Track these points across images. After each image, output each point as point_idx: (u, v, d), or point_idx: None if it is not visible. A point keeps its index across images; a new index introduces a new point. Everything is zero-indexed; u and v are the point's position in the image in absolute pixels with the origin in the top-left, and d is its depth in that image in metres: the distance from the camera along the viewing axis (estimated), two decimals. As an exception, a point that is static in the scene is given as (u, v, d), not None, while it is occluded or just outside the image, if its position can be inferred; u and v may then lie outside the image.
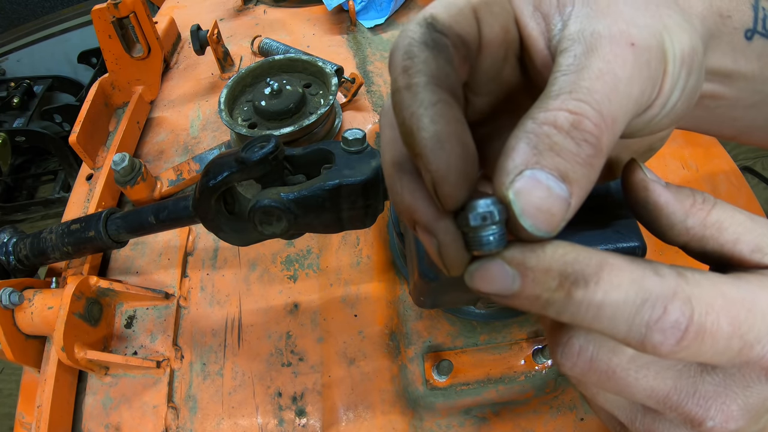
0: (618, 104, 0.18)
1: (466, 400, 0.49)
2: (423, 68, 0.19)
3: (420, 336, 0.52)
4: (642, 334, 0.18)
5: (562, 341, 0.21)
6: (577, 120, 0.18)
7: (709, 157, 0.64)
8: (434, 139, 0.18)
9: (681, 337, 0.18)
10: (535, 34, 0.22)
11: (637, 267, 0.18)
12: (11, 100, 1.93)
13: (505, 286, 0.19)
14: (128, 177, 0.59)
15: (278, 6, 0.95)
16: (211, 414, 0.49)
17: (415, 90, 0.18)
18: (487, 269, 0.19)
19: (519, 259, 0.18)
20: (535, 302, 0.19)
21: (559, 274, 0.18)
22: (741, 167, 1.66)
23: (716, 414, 0.20)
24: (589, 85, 0.18)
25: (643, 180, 0.22)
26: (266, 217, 0.36)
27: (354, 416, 0.47)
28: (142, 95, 0.73)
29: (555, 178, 0.17)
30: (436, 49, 0.19)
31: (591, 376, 0.21)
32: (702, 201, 0.22)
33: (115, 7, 0.65)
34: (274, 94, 0.62)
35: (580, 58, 0.19)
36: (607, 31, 0.19)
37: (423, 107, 0.18)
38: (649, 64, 0.19)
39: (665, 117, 0.22)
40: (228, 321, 0.54)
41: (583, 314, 0.18)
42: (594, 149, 0.18)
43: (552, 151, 0.17)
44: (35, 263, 0.54)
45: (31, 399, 0.52)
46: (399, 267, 0.55)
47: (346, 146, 0.38)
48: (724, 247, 0.21)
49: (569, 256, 0.18)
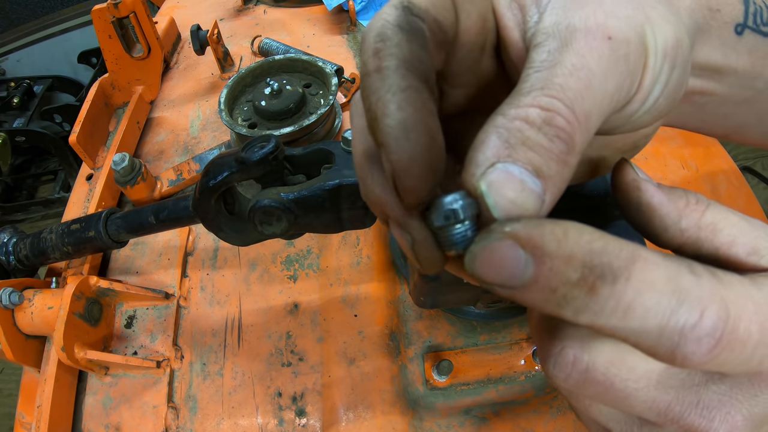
0: (592, 101, 0.18)
1: (466, 400, 0.49)
2: (395, 51, 0.18)
3: (420, 336, 0.52)
4: (674, 343, 0.15)
5: (554, 351, 0.19)
6: (549, 116, 0.17)
7: (709, 157, 0.64)
8: (399, 127, 0.17)
9: (714, 346, 0.16)
10: (510, 25, 0.21)
11: (671, 263, 0.16)
12: (11, 100, 1.93)
13: (515, 275, 0.15)
14: (128, 177, 0.59)
15: (278, 6, 0.95)
16: (211, 414, 0.49)
17: (385, 74, 0.17)
18: (495, 251, 0.16)
19: (537, 241, 0.15)
20: (549, 298, 0.16)
21: (583, 264, 0.15)
22: (741, 167, 1.66)
23: (720, 425, 0.18)
24: (562, 81, 0.17)
25: (635, 180, 0.21)
26: (266, 217, 0.36)
27: (354, 416, 0.47)
28: (142, 95, 0.73)
29: (529, 173, 0.16)
30: (411, 32, 0.18)
31: (586, 388, 0.19)
32: (695, 202, 0.21)
33: (115, 7, 0.65)
34: (274, 94, 0.62)
35: (554, 54, 0.18)
36: (583, 23, 0.18)
37: (391, 92, 0.17)
38: (627, 58, 0.19)
39: (646, 113, 0.21)
40: (228, 321, 0.54)
41: (607, 316, 0.15)
42: (567, 146, 0.17)
43: (525, 146, 0.17)
44: (35, 263, 0.54)
45: (31, 399, 0.52)
46: (399, 267, 0.55)
47: (346, 146, 0.38)
48: (719, 250, 0.20)
49: (596, 243, 0.15)
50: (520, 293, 0.16)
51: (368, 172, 0.20)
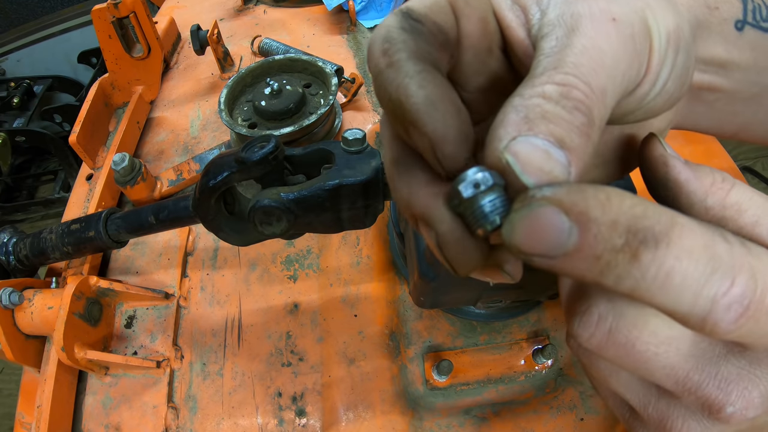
0: (605, 76, 0.18)
1: (466, 400, 0.49)
2: (402, 47, 0.19)
3: (420, 336, 0.52)
4: (707, 309, 0.15)
5: (580, 310, 0.19)
6: (565, 90, 0.17)
7: (709, 156, 0.64)
8: (426, 101, 0.17)
9: (741, 315, 0.16)
10: (514, 25, 0.22)
11: (707, 230, 0.16)
12: (11, 100, 1.93)
13: (559, 243, 0.15)
14: (128, 177, 0.59)
15: (278, 6, 0.95)
16: (211, 414, 0.49)
17: (398, 65, 0.18)
18: (538, 218, 0.15)
19: (582, 207, 0.15)
20: (592, 266, 0.15)
21: (627, 229, 0.15)
22: (741, 167, 1.66)
23: (737, 399, 0.18)
24: (575, 60, 0.18)
25: (663, 156, 0.21)
26: (266, 217, 0.36)
27: (354, 416, 0.47)
28: (142, 95, 0.73)
29: (551, 144, 0.16)
30: (414, 32, 0.19)
31: (608, 349, 0.19)
32: (722, 180, 0.21)
33: (115, 7, 0.65)
34: (274, 94, 0.62)
35: (563, 39, 0.18)
36: (587, 10, 0.19)
37: (408, 77, 0.18)
38: (633, 39, 0.19)
39: (658, 96, 0.21)
40: (228, 321, 0.54)
41: (649, 282, 0.15)
42: (586, 118, 0.17)
43: (544, 119, 0.16)
44: (35, 263, 0.54)
45: (31, 399, 0.52)
46: (399, 267, 0.55)
47: (346, 146, 0.38)
48: (742, 230, 0.20)
49: (638, 208, 0.15)
50: (561, 262, 0.15)
51: (396, 176, 0.21)
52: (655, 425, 0.21)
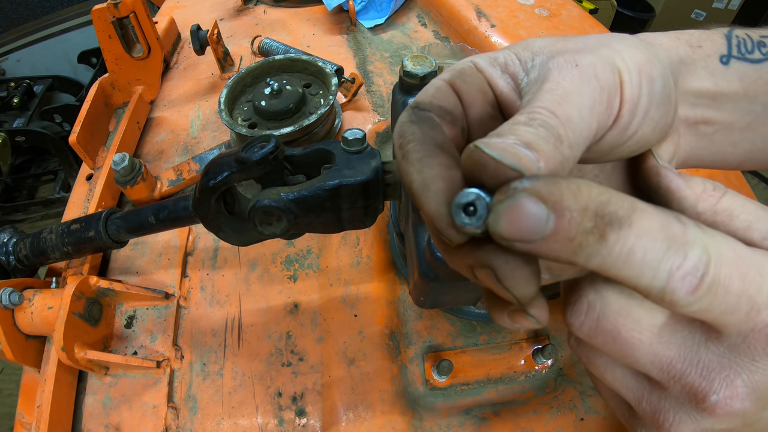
0: (570, 107, 0.21)
1: (466, 400, 0.49)
2: (411, 138, 0.23)
3: (420, 336, 0.52)
4: (664, 281, 0.17)
5: (572, 300, 0.21)
6: (531, 116, 0.20)
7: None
8: (422, 185, 0.21)
9: (697, 286, 0.17)
10: (506, 91, 0.26)
11: (662, 213, 0.18)
12: (11, 100, 1.93)
13: (538, 228, 0.17)
14: (128, 177, 0.59)
15: (278, 6, 0.95)
16: (211, 414, 0.49)
17: (408, 157, 0.22)
18: (519, 207, 0.17)
19: (557, 196, 0.17)
20: (566, 246, 0.17)
21: (595, 214, 0.17)
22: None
23: (719, 387, 0.20)
24: (541, 101, 0.21)
25: (655, 166, 0.24)
26: (266, 217, 0.36)
27: (354, 416, 0.47)
28: (142, 95, 0.73)
29: (519, 145, 0.19)
30: (420, 121, 0.24)
31: (597, 336, 0.21)
32: (713, 189, 0.23)
33: (115, 7, 0.65)
34: (274, 94, 0.62)
35: (535, 91, 0.22)
36: (555, 64, 0.23)
37: (411, 166, 0.22)
38: (597, 77, 0.22)
39: (643, 125, 0.23)
40: (228, 321, 0.54)
41: (614, 259, 0.17)
42: (550, 133, 0.20)
43: (512, 132, 0.20)
44: (35, 263, 0.54)
45: (31, 399, 0.52)
46: (399, 267, 0.55)
47: (346, 146, 0.38)
48: (735, 234, 0.21)
49: (603, 196, 0.17)
50: (539, 246, 0.18)
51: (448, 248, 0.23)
52: (650, 420, 0.22)
